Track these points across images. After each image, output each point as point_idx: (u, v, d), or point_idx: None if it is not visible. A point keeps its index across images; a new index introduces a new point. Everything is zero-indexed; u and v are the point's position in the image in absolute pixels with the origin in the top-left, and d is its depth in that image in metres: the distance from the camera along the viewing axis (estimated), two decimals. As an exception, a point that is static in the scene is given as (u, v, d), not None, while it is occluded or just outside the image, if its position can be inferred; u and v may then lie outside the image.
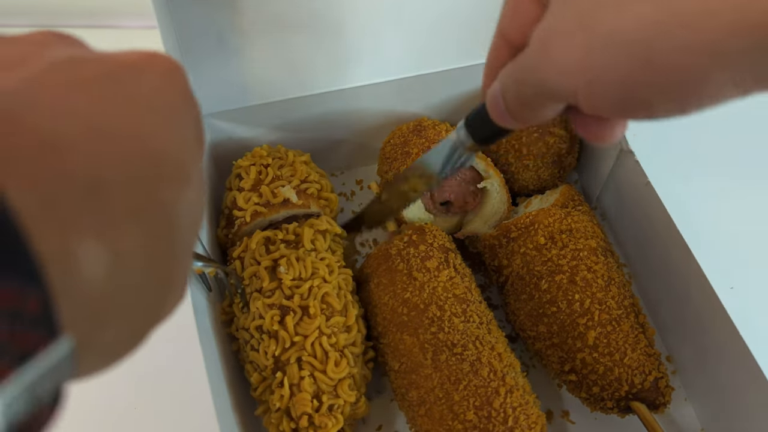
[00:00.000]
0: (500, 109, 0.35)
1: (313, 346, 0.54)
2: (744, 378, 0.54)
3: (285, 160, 0.66)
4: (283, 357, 0.54)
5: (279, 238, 0.60)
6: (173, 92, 0.25)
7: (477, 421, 0.50)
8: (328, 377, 0.54)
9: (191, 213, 0.24)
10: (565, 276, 0.58)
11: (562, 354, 0.58)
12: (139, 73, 0.23)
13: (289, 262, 0.57)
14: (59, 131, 0.19)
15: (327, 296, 0.56)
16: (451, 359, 0.53)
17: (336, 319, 0.56)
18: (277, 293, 0.56)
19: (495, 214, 0.67)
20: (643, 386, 0.55)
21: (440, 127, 0.69)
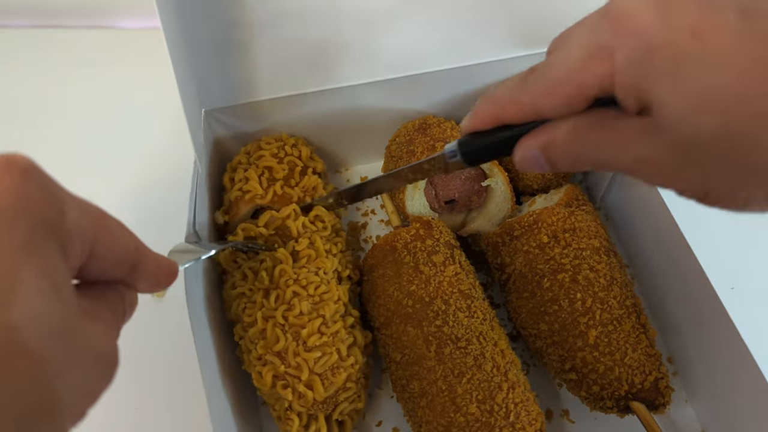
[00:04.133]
0: (539, 166, 0.35)
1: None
2: (744, 380, 0.54)
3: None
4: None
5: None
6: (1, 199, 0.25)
7: (479, 415, 0.50)
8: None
9: (44, 318, 0.24)
10: (567, 275, 0.59)
11: (562, 352, 0.58)
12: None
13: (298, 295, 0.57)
14: None
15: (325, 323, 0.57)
16: (455, 353, 0.53)
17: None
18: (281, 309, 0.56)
19: (499, 212, 0.67)
20: (643, 386, 0.55)
21: (445, 125, 0.70)
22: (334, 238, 0.63)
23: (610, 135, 0.31)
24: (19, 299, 0.24)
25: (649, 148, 0.30)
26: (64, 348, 0.26)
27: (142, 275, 0.34)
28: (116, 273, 0.33)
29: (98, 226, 0.30)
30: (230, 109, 0.67)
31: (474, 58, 0.70)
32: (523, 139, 0.36)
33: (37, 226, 0.26)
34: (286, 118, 0.71)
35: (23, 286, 0.24)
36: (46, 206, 0.27)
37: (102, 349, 0.29)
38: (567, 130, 0.33)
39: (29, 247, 0.25)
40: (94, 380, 0.28)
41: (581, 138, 0.32)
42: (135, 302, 0.35)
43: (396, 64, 0.69)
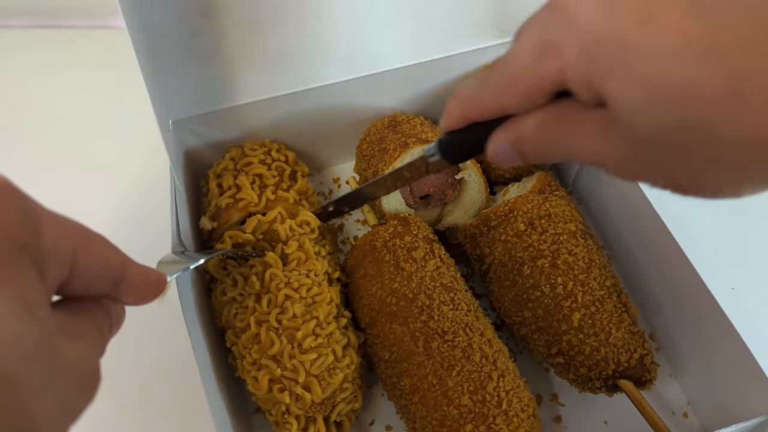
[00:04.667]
0: (512, 159, 0.35)
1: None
2: (726, 349, 0.55)
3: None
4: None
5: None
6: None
7: (472, 406, 0.50)
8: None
9: (20, 341, 0.24)
10: (546, 260, 0.59)
11: (548, 337, 0.58)
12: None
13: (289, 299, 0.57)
14: None
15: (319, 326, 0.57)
16: (443, 346, 0.53)
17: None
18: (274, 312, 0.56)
19: (474, 203, 0.68)
20: (629, 364, 0.56)
21: (415, 121, 0.70)
22: (321, 241, 0.63)
23: (573, 128, 0.31)
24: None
25: (609, 143, 0.29)
26: (39, 370, 0.25)
27: (128, 289, 0.34)
28: (99, 288, 0.32)
29: (78, 243, 0.30)
30: (197, 118, 0.67)
31: (439, 53, 0.70)
32: (494, 134, 0.36)
33: (10, 246, 0.26)
34: (254, 124, 0.70)
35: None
36: (20, 225, 0.26)
37: (82, 366, 0.29)
38: (533, 124, 0.33)
39: (1, 268, 0.25)
40: (74, 398, 0.28)
41: (547, 131, 0.32)
42: (122, 315, 0.35)
43: (360, 63, 0.69)
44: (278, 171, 0.66)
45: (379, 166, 0.65)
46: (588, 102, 0.29)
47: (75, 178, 0.79)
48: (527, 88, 0.31)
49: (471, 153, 0.40)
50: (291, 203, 0.64)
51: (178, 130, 0.66)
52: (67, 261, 0.29)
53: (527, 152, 0.34)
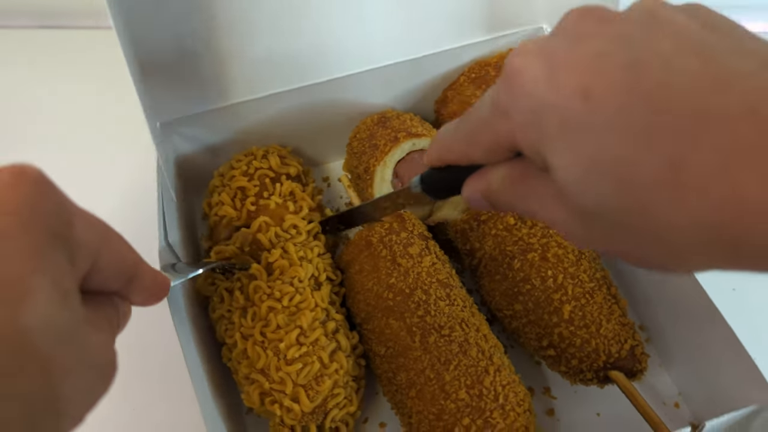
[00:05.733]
0: (486, 208, 0.36)
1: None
2: (715, 338, 0.56)
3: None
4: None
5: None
6: (13, 208, 0.26)
7: (469, 400, 0.51)
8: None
9: (54, 325, 0.26)
10: (536, 254, 0.60)
11: (539, 330, 0.59)
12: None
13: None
14: None
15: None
16: (440, 341, 0.53)
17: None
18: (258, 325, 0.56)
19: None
20: (620, 355, 0.57)
21: (404, 117, 0.70)
22: (310, 243, 0.62)
23: (531, 190, 0.31)
24: (30, 305, 0.25)
25: (558, 211, 0.29)
26: (70, 353, 0.27)
27: (138, 288, 0.35)
28: (114, 285, 0.34)
29: (102, 239, 0.31)
30: (186, 119, 0.66)
31: (428, 50, 0.70)
32: (467, 181, 0.36)
33: (47, 235, 0.27)
34: (243, 124, 0.70)
35: (34, 292, 0.25)
36: (56, 217, 0.28)
37: (103, 356, 0.31)
38: (499, 179, 0.33)
39: (40, 254, 0.26)
40: (95, 386, 0.30)
41: (511, 187, 0.32)
42: (129, 313, 0.36)
43: (348, 61, 0.69)
44: (260, 179, 0.65)
45: (370, 162, 0.66)
46: (543, 168, 0.29)
47: (75, 178, 0.78)
48: (487, 143, 0.32)
49: (451, 191, 0.40)
50: (273, 209, 0.63)
51: (166, 132, 0.65)
52: (91, 256, 0.30)
53: (496, 204, 0.34)
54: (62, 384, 0.26)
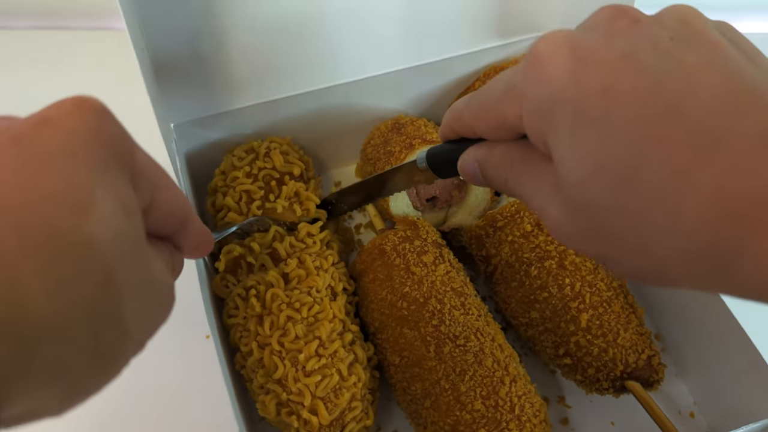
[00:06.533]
0: (477, 179, 0.36)
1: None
2: (733, 348, 0.56)
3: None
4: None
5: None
6: (78, 134, 0.26)
7: (485, 411, 0.50)
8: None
9: (118, 237, 0.25)
10: (554, 261, 0.59)
11: (555, 338, 0.58)
12: (44, 129, 0.26)
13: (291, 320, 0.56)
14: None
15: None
16: (455, 351, 0.53)
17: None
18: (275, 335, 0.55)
19: (479, 204, 0.67)
20: (637, 365, 0.56)
21: (418, 123, 0.70)
22: (324, 252, 0.61)
23: (529, 175, 0.31)
24: (96, 216, 0.24)
25: (551, 202, 0.29)
26: (134, 270, 0.26)
27: (189, 234, 0.36)
28: (169, 227, 0.34)
29: (159, 175, 0.31)
30: (199, 121, 0.66)
31: (440, 54, 0.70)
32: (467, 150, 0.36)
33: (111, 157, 0.27)
34: (255, 127, 0.70)
35: (100, 204, 0.25)
36: (119, 143, 0.28)
37: (163, 281, 0.31)
38: (500, 153, 0.33)
39: (105, 171, 0.26)
40: (155, 311, 0.30)
41: (510, 165, 0.32)
42: (182, 264, 0.36)
43: (361, 65, 0.68)
44: (265, 181, 0.64)
45: (385, 169, 0.65)
46: (546, 154, 0.29)
47: None
48: (493, 121, 0.32)
49: (454, 167, 0.39)
50: (280, 213, 0.63)
51: (180, 134, 0.65)
52: (151, 188, 0.30)
53: (489, 177, 0.34)
54: (125, 300, 0.26)
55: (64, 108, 0.27)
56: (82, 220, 0.24)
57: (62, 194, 0.24)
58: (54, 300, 0.22)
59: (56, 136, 0.26)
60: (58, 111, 0.27)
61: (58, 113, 0.27)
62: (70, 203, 0.24)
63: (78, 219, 0.24)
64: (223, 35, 0.61)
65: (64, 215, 0.23)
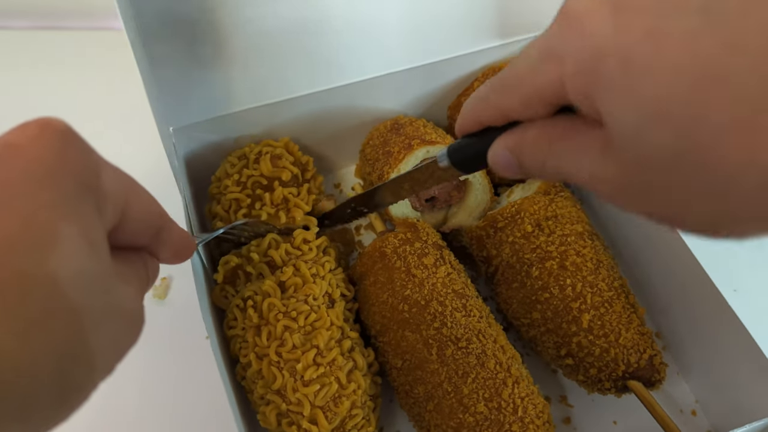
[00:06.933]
0: (511, 168, 0.34)
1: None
2: (735, 345, 0.56)
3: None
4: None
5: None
6: (42, 160, 0.26)
7: (488, 413, 0.50)
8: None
9: (82, 273, 0.26)
10: (555, 262, 0.59)
11: (557, 339, 0.58)
12: (8, 155, 0.26)
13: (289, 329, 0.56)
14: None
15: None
16: (457, 353, 0.53)
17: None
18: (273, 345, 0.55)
19: (479, 205, 0.67)
20: (639, 365, 0.56)
21: (417, 123, 0.69)
22: (321, 259, 0.61)
23: (572, 145, 0.29)
24: (59, 253, 0.25)
25: (604, 166, 0.28)
26: (99, 303, 0.27)
27: (166, 242, 0.36)
28: (143, 238, 0.34)
29: (129, 190, 0.31)
30: (198, 125, 0.66)
31: (439, 56, 0.69)
32: (497, 139, 0.34)
33: (75, 185, 0.27)
34: (254, 130, 0.70)
35: (63, 241, 0.25)
36: (83, 167, 0.28)
37: (132, 308, 0.31)
38: (535, 133, 0.32)
39: (69, 203, 0.26)
40: (123, 337, 0.30)
41: (548, 144, 0.31)
42: (157, 271, 0.37)
43: (360, 67, 0.68)
44: (252, 188, 0.64)
45: (384, 169, 0.65)
46: (588, 117, 0.28)
47: None
48: (527, 92, 0.30)
49: (479, 161, 0.38)
50: (265, 219, 0.63)
51: (179, 137, 0.65)
52: (119, 206, 0.30)
53: (525, 162, 0.33)
54: (92, 334, 0.26)
55: (28, 131, 0.27)
56: (46, 260, 0.24)
57: (26, 234, 0.24)
58: (22, 343, 0.23)
59: (19, 164, 0.25)
60: (23, 135, 0.27)
61: (23, 137, 0.27)
62: (33, 243, 0.24)
63: (41, 257, 0.24)
64: (223, 38, 0.61)
65: (28, 256, 0.24)
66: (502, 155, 0.34)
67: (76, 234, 0.26)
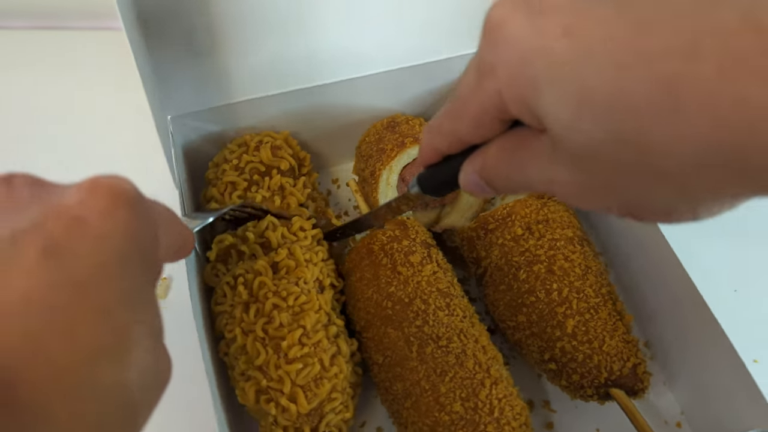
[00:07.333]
0: (482, 190, 0.34)
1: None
2: (720, 360, 0.55)
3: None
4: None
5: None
6: (113, 241, 0.25)
7: (464, 413, 0.50)
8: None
9: (145, 372, 0.26)
10: (542, 266, 0.59)
11: (541, 343, 0.58)
12: (77, 235, 0.25)
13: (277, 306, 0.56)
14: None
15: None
16: (437, 352, 0.53)
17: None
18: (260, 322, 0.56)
19: (471, 206, 0.67)
20: (622, 373, 0.56)
21: (413, 122, 0.70)
22: (314, 247, 0.62)
23: (526, 155, 0.30)
24: (133, 360, 0.25)
25: (554, 167, 0.28)
26: (152, 390, 0.28)
27: (181, 254, 0.36)
28: (168, 261, 0.34)
29: (167, 230, 0.31)
30: (196, 114, 0.66)
31: (441, 55, 0.70)
32: (463, 165, 0.35)
33: (142, 267, 0.27)
34: (253, 122, 0.70)
35: (136, 346, 0.25)
36: (149, 242, 0.28)
37: (166, 373, 0.30)
38: (494, 151, 0.32)
39: (138, 295, 0.26)
40: (157, 400, 0.30)
41: (507, 160, 0.31)
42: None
43: (360, 63, 0.68)
44: (250, 173, 0.65)
45: (377, 166, 0.65)
46: (531, 125, 0.28)
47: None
48: (474, 113, 0.31)
49: (448, 186, 0.39)
50: (259, 202, 0.63)
51: (177, 127, 0.66)
52: (167, 255, 0.31)
53: (493, 181, 0.33)
54: (142, 419, 0.27)
55: (97, 204, 0.26)
56: (123, 368, 0.25)
57: (104, 347, 0.24)
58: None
59: (91, 249, 0.24)
60: (92, 208, 0.25)
61: (92, 212, 0.25)
62: (111, 355, 0.24)
63: (120, 368, 0.25)
64: (223, 28, 0.62)
65: (107, 370, 0.24)
66: (471, 179, 0.34)
67: (145, 334, 0.26)
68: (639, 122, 0.23)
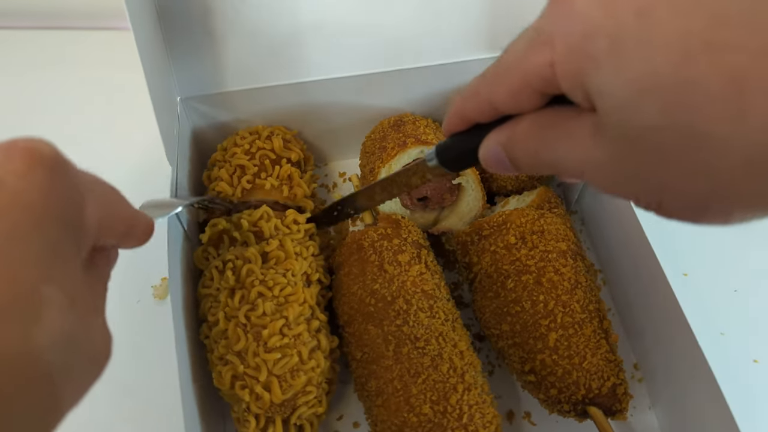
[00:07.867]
0: (503, 165, 0.34)
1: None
2: (701, 390, 0.54)
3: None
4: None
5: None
6: (27, 200, 0.25)
7: (432, 415, 0.50)
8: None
9: (60, 337, 0.25)
10: (531, 276, 0.59)
11: (522, 354, 0.58)
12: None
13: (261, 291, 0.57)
14: None
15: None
16: (413, 352, 0.53)
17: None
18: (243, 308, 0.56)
19: (470, 211, 0.67)
20: (600, 391, 0.55)
21: (420, 123, 0.70)
22: (306, 242, 0.62)
23: (562, 133, 0.29)
24: (43, 322, 0.24)
25: (594, 148, 0.27)
26: (73, 359, 0.26)
27: (132, 236, 0.35)
28: (111, 241, 0.33)
29: (106, 204, 0.31)
30: (207, 98, 0.67)
31: (452, 57, 0.69)
32: (487, 136, 0.34)
33: (59, 229, 0.26)
34: (261, 110, 0.71)
35: (47, 307, 0.24)
36: (70, 205, 0.27)
37: (101, 347, 0.29)
38: (526, 126, 0.31)
39: (51, 257, 0.25)
40: (92, 377, 0.29)
41: (539, 135, 0.31)
42: (116, 258, 0.36)
43: (375, 59, 0.69)
44: (260, 160, 0.66)
45: (376, 163, 0.66)
46: (579, 102, 0.28)
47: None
48: (516, 81, 0.30)
49: (468, 159, 0.38)
50: (267, 189, 0.64)
51: (185, 109, 0.67)
52: (98, 227, 0.30)
53: (517, 157, 0.32)
54: (63, 389, 0.25)
55: (15, 166, 0.25)
56: (30, 330, 0.23)
57: (9, 305, 0.23)
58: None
59: (5, 210, 0.24)
60: (8, 169, 0.25)
61: (8, 173, 0.25)
62: (17, 315, 0.23)
63: (25, 329, 0.23)
64: (236, 14, 0.62)
65: (11, 330, 0.23)
66: (493, 151, 0.34)
67: (57, 294, 0.25)
68: (701, 115, 0.23)
